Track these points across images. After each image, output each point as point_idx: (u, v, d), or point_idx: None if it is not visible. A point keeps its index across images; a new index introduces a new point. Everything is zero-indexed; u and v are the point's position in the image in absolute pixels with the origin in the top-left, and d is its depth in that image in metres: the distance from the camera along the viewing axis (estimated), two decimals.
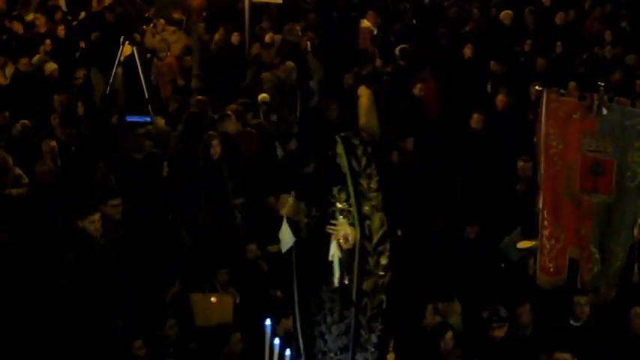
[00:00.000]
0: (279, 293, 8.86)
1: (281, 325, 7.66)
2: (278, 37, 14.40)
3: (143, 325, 8.29)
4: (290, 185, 10.00)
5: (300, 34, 14.07)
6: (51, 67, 13.36)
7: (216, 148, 10.10)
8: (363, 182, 6.77)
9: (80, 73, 13.59)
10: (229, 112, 11.17)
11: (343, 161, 6.77)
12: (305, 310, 6.87)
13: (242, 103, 11.85)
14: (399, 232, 7.24)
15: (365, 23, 14.89)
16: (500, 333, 8.02)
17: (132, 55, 13.14)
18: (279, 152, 11.50)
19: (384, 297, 6.80)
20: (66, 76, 13.65)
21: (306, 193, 6.92)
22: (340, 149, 6.79)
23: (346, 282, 6.66)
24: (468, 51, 13.76)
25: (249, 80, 13.40)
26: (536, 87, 9.59)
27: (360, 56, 14.01)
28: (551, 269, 8.47)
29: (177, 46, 14.73)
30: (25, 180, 10.37)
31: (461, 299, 8.82)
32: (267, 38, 14.47)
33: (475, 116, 11.68)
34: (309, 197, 6.85)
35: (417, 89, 12.63)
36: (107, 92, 13.00)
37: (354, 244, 6.67)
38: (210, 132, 10.32)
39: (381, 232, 6.75)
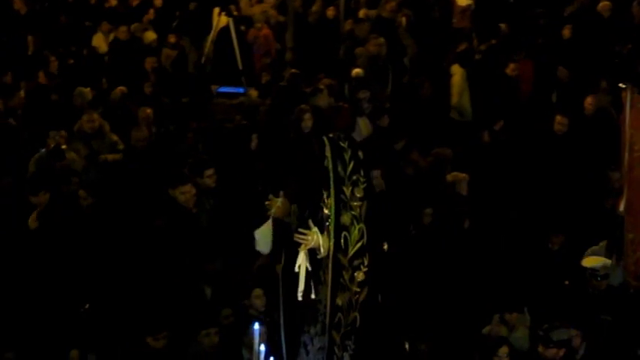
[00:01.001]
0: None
1: None
2: (372, 13, 14.38)
3: (231, 294, 8.40)
4: (379, 162, 10.07)
5: (395, 10, 14.00)
6: (150, 36, 13.58)
7: (307, 122, 10.14)
8: (346, 189, 6.31)
9: (172, 39, 13.79)
10: (322, 86, 11.20)
11: (329, 165, 6.34)
12: (291, 317, 6.49)
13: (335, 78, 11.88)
14: (385, 246, 6.57)
15: (461, 0, 14.74)
16: (548, 354, 7.32)
17: (227, 26, 13.27)
18: (368, 129, 11.48)
19: (357, 315, 6.36)
20: (162, 45, 13.91)
21: (298, 196, 6.50)
22: (328, 152, 6.34)
23: (313, 296, 6.26)
24: (567, 32, 13.38)
25: (342, 55, 13.42)
26: (620, 85, 8.95)
27: (455, 34, 13.89)
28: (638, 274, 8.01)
29: (274, 19, 14.82)
30: (121, 146, 10.61)
31: (532, 312, 8.31)
32: (361, 13, 14.46)
33: (559, 118, 10.80)
34: (302, 200, 6.46)
35: (510, 69, 12.46)
36: (202, 62, 13.15)
37: (327, 256, 6.25)
38: (302, 105, 10.37)
39: (358, 246, 6.30)
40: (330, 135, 6.46)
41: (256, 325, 5.63)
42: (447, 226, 9.31)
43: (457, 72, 12.34)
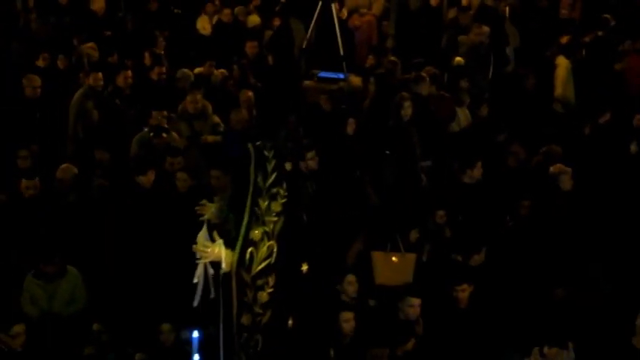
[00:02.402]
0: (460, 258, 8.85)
1: None
2: (476, 1, 14.23)
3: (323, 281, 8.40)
4: (479, 153, 9.96)
5: None
6: (254, 19, 13.68)
7: (407, 110, 10.09)
8: (262, 203, 5.94)
9: (275, 22, 13.86)
10: (424, 74, 11.14)
11: (251, 175, 5.99)
12: (229, 327, 6.12)
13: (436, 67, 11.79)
14: (305, 267, 6.23)
15: None
16: None
17: (329, 12, 13.26)
18: (467, 119, 11.37)
19: (259, 337, 6.04)
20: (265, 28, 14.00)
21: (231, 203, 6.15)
22: (252, 160, 5.98)
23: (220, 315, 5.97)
24: None
25: (444, 43, 13.31)
26: None
27: (561, 24, 13.65)
28: None
29: (377, 5, 14.78)
30: (222, 127, 10.72)
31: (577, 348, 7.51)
32: (465, 1, 14.32)
33: None
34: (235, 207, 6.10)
35: (618, 62, 12.17)
36: (304, 46, 13.19)
37: (230, 271, 5.92)
38: (403, 93, 10.33)
39: (264, 264, 5.94)
40: (257, 143, 6.08)
41: (195, 334, 5.53)
42: (546, 219, 9.17)
43: (562, 63, 12.12)
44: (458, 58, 12.31)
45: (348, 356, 7.47)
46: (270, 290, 6.00)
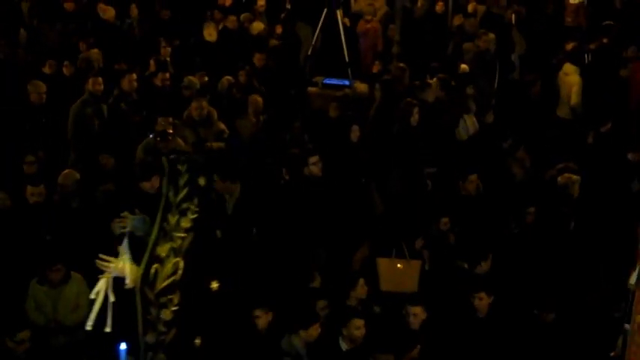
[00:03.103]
0: (465, 265, 8.83)
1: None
2: (481, 8, 14.23)
3: (329, 287, 8.39)
4: (477, 161, 9.94)
5: (505, 5, 13.83)
6: (258, 27, 13.68)
7: (415, 116, 10.10)
8: (172, 218, 5.75)
9: (278, 30, 13.87)
10: (430, 81, 11.13)
11: (164, 189, 5.83)
12: (136, 343, 5.93)
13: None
14: (215, 285, 6.13)
15: None
16: None
17: (334, 18, 13.26)
18: (475, 125, 11.37)
19: (163, 357, 5.87)
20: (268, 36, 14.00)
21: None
22: (165, 175, 5.81)
23: (107, 329, 5.73)
24: None
25: (450, 50, 13.31)
26: None
27: (566, 32, 13.64)
28: None
29: (382, 12, 14.80)
30: (226, 134, 10.70)
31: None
32: (471, 8, 14.32)
33: None
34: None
35: (624, 70, 12.15)
36: (309, 53, 13.20)
37: (133, 287, 5.76)
38: (410, 99, 10.32)
39: (168, 281, 5.77)
40: (171, 156, 5.93)
41: (122, 346, 5.40)
42: (552, 226, 9.16)
43: (571, 71, 12.09)
44: (463, 66, 12.29)
45: None
46: (174, 308, 5.84)
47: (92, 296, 5.82)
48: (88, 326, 5.79)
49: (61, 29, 13.71)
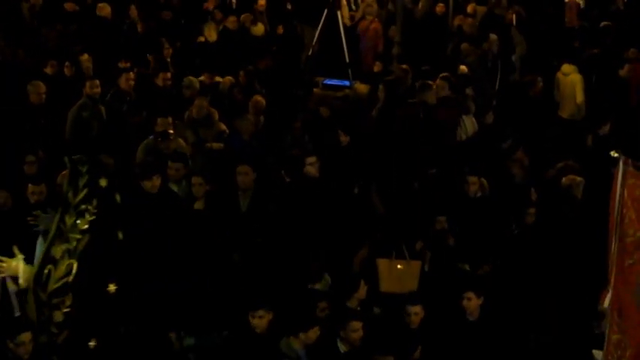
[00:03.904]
0: (467, 267, 8.82)
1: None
2: (481, 9, 14.24)
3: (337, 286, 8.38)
4: (479, 160, 9.93)
5: (506, 6, 13.84)
6: (259, 29, 13.69)
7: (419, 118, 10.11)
8: (69, 219, 5.69)
9: (280, 30, 13.87)
10: (430, 82, 11.13)
11: (64, 189, 5.77)
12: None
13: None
14: (112, 288, 5.96)
15: None
16: None
17: (335, 19, 13.26)
18: (474, 126, 11.36)
19: (55, 358, 5.82)
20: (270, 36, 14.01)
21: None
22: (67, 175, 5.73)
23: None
24: None
25: (450, 51, 13.31)
26: (612, 153, 7.71)
27: (566, 32, 13.66)
28: None
29: (383, 13, 14.79)
30: (227, 134, 10.69)
31: None
32: (470, 9, 14.33)
33: None
34: None
35: (624, 71, 12.16)
36: (310, 54, 13.21)
37: (27, 288, 5.72)
38: (412, 100, 10.33)
39: (60, 283, 5.71)
40: (74, 157, 5.85)
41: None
42: (553, 227, 9.15)
43: (570, 70, 12.10)
44: (462, 67, 12.29)
45: None
46: (66, 310, 5.80)
47: None
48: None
49: (61, 30, 13.70)
